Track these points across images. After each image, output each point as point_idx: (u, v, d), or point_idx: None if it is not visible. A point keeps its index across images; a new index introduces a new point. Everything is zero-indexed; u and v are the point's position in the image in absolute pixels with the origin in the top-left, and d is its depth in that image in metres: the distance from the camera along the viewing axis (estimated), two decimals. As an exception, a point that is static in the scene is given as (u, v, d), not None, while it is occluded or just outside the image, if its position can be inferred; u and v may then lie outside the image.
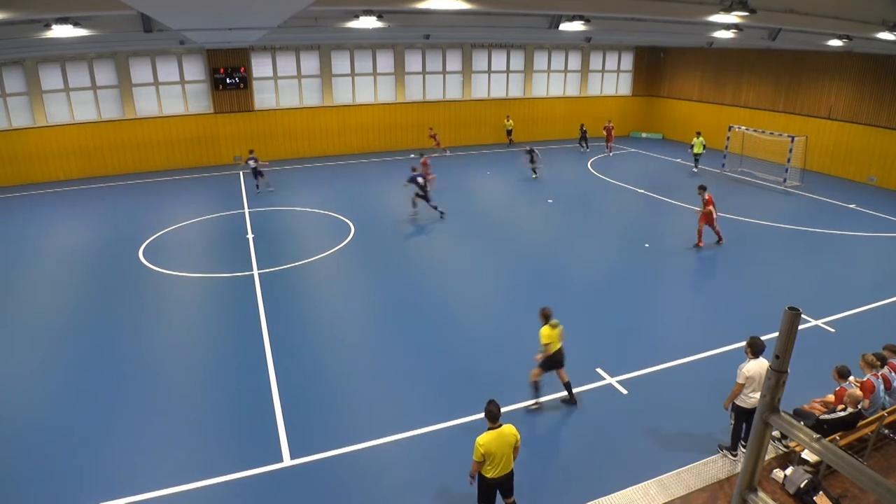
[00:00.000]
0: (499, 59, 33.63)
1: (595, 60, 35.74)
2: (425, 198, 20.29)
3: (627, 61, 36.68)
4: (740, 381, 8.09)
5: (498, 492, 7.24)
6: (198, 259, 17.50)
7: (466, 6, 15.76)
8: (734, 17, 15.23)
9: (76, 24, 15.63)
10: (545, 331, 9.44)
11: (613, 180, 25.71)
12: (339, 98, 31.51)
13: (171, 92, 29.07)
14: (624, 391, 10.38)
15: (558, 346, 9.64)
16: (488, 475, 7.00)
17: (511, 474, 7.19)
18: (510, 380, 10.66)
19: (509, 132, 33.46)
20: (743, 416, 8.33)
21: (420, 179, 20.21)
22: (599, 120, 34.11)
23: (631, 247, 17.58)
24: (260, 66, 29.87)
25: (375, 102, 32.14)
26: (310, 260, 16.98)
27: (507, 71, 34.02)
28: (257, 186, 24.58)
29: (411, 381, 10.95)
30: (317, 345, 12.42)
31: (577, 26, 19.50)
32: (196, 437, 9.55)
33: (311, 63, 30.50)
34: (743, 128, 28.15)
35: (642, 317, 13.31)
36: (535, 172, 26.07)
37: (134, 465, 8.89)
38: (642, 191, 23.72)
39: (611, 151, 31.29)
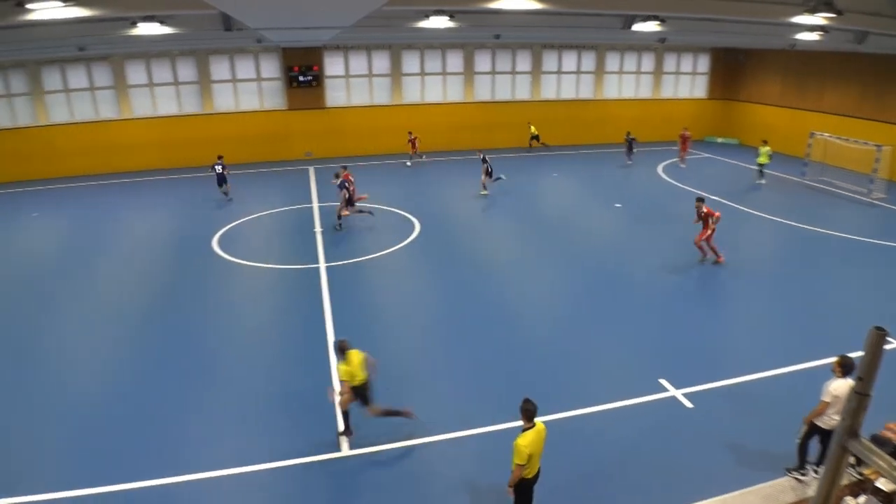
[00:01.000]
0: (569, 60, 33.20)
1: (669, 62, 34.81)
2: (350, 203, 19.75)
3: (703, 63, 35.53)
4: (826, 399, 7.66)
5: None
6: (267, 250, 18.05)
7: (538, 6, 15.65)
8: (819, 19, 14.57)
9: (162, 22, 16.35)
10: (340, 368, 8.77)
11: (685, 186, 24.97)
12: (408, 97, 31.85)
13: (248, 89, 30.10)
14: (689, 404, 10.03)
15: (362, 377, 8.92)
16: (528, 476, 6.92)
17: (540, 472, 7.11)
18: (569, 384, 10.52)
19: (535, 137, 32.45)
20: (818, 435, 7.93)
21: (347, 186, 19.64)
22: (672, 123, 33.22)
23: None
24: (332, 65, 30.51)
25: (444, 102, 32.31)
26: (375, 255, 17.22)
27: (578, 72, 33.55)
28: (226, 193, 23.67)
29: (470, 380, 10.95)
30: (378, 339, 12.54)
31: (651, 27, 19.06)
32: (258, 422, 9.87)
33: (381, 62, 30.93)
34: (826, 135, 26.78)
35: (712, 328, 12.88)
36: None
37: (199, 443, 9.29)
38: (716, 197, 22.92)
39: (683, 162, 29.13)
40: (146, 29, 16.52)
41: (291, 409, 10.23)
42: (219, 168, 23.20)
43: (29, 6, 12.16)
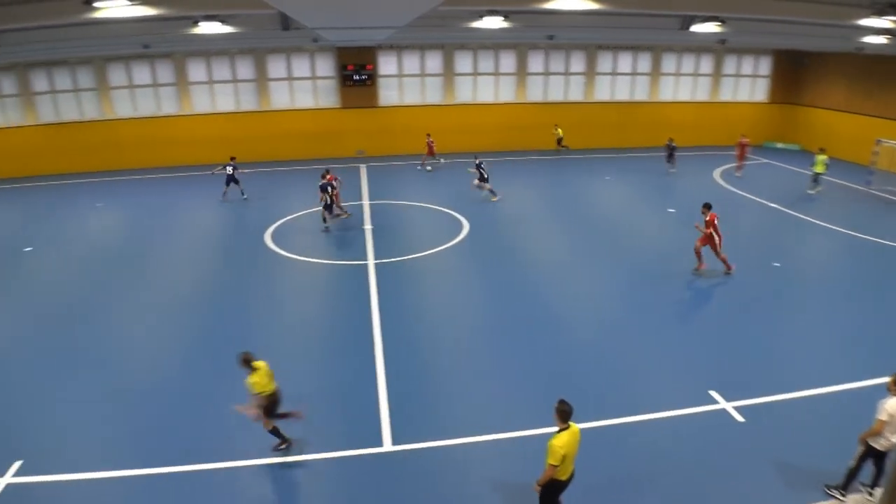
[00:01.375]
0: (624, 61, 32.66)
1: (729, 64, 33.86)
2: (329, 208, 19.71)
3: (765, 65, 34.44)
4: (883, 417, 7.34)
5: None
6: (317, 245, 18.37)
7: (594, 6, 15.46)
8: (887, 22, 13.95)
9: (223, 21, 16.79)
10: (250, 380, 8.60)
11: (742, 192, 24.27)
12: (460, 97, 31.90)
13: (303, 87, 30.68)
14: (740, 418, 9.72)
15: (272, 387, 8.81)
16: (561, 478, 6.85)
17: (573, 475, 7.01)
18: (613, 391, 10.37)
19: (559, 140, 31.86)
20: (872, 457, 7.60)
21: (329, 189, 19.60)
22: (730, 127, 32.33)
23: (758, 264, 16.47)
24: (386, 64, 30.81)
25: (496, 102, 32.23)
26: (423, 254, 17.33)
27: (633, 73, 32.98)
28: (243, 193, 23.70)
29: (514, 381, 10.90)
30: (425, 336, 12.67)
31: (710, 28, 18.61)
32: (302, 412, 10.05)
33: (434, 62, 31.07)
34: (893, 142, 25.63)
35: (768, 340, 12.41)
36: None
37: (242, 431, 9.48)
38: (774, 205, 22.24)
39: (740, 171, 27.54)
40: (207, 28, 17.01)
41: (335, 402, 10.40)
42: (229, 169, 23.31)
43: (96, 4, 12.63)
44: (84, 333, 13.13)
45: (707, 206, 15.76)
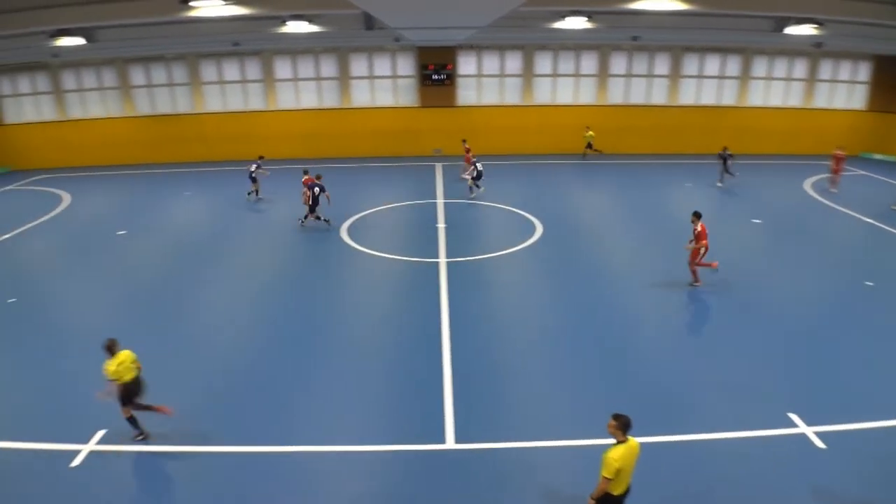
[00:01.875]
0: (712, 64, 31.46)
1: (824, 69, 32.05)
2: (312, 209, 19.52)
3: (864, 71, 32.38)
4: None
5: None
6: (391, 241, 18.66)
7: (683, 6, 15.01)
8: None
9: (309, 20, 17.27)
10: (108, 367, 8.67)
11: (835, 205, 22.95)
12: (539, 98, 31.61)
13: (383, 85, 31.18)
14: (821, 445, 9.14)
15: (131, 376, 8.85)
16: (615, 492, 6.63)
17: (629, 490, 6.77)
18: (683, 405, 10.02)
19: (589, 145, 30.66)
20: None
21: (316, 190, 19.36)
22: (825, 135, 30.65)
23: (849, 283, 15.52)
24: (465, 64, 30.91)
25: (575, 104, 31.74)
26: (495, 254, 17.30)
27: (721, 76, 31.73)
28: (257, 192, 23.84)
29: (580, 388, 10.73)
30: (493, 337, 12.64)
31: (806, 30, 17.73)
32: (367, 405, 10.33)
33: (514, 62, 30.90)
34: None
35: (859, 363, 11.54)
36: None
37: (309, 418, 9.88)
38: (868, 220, 20.92)
39: (835, 186, 25.18)
40: (295, 27, 17.53)
41: (400, 396, 10.54)
42: (253, 167, 23.39)
43: (192, 3, 13.22)
44: (164, 313, 13.98)
45: (697, 216, 14.82)
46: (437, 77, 30.65)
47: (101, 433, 9.55)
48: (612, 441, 6.56)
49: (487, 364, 11.53)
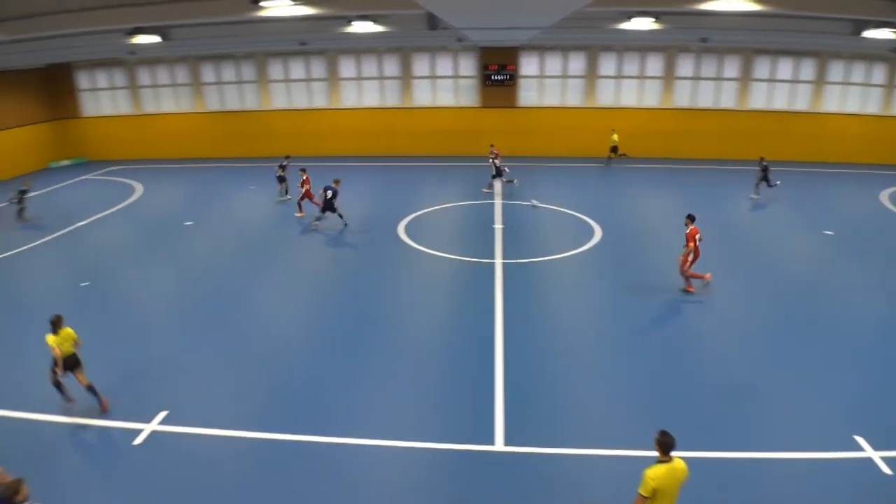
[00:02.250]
0: (784, 68, 30.24)
1: (908, 74, 30.37)
2: (330, 209, 19.47)
3: (954, 77, 30.55)
4: None
5: None
6: (447, 240, 18.73)
7: (756, 7, 14.50)
8: None
9: (374, 20, 17.48)
10: (49, 338, 9.60)
11: (913, 217, 21.75)
12: (601, 100, 31.11)
13: (444, 85, 31.34)
14: (888, 471, 8.62)
15: (67, 351, 9.73)
16: None
17: None
18: (741, 421, 9.67)
19: (614, 148, 29.60)
20: None
21: (329, 193, 19.28)
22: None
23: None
24: (527, 65, 30.72)
25: (639, 106, 31.09)
26: (552, 257, 17.13)
27: (794, 81, 30.47)
28: (286, 192, 23.95)
29: (635, 397, 10.47)
30: (546, 341, 12.50)
31: (885, 34, 16.88)
32: (417, 401, 10.41)
33: (577, 63, 30.51)
34: None
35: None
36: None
37: (362, 412, 10.04)
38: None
39: None
40: (360, 27, 17.79)
41: (452, 396, 10.55)
42: (280, 170, 23.45)
43: (263, 3, 13.57)
44: (225, 304, 14.46)
45: (691, 218, 14.61)
46: (498, 77, 30.58)
47: (162, 414, 10.00)
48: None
49: (540, 367, 11.43)
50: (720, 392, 10.64)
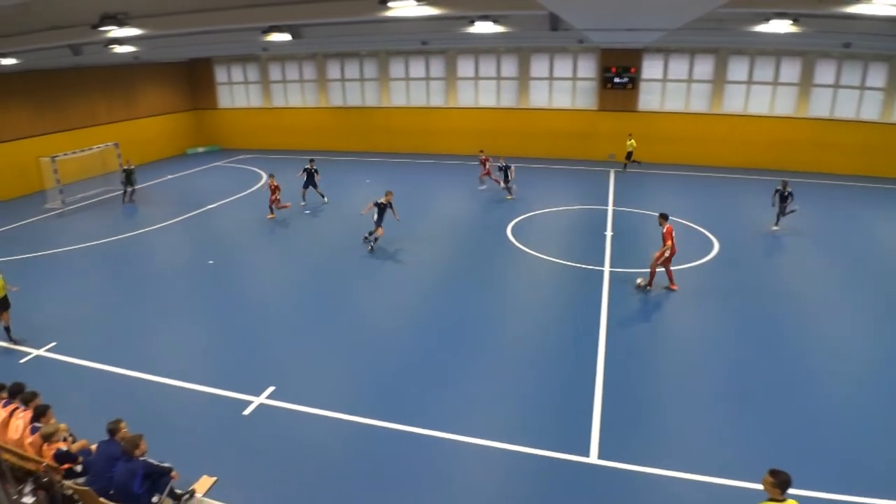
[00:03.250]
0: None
1: None
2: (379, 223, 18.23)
3: None
4: None
5: None
6: (556, 244, 18.53)
7: (910, 12, 13.26)
8: None
9: (495, 21, 17.56)
10: None
11: None
12: (729, 106, 29.52)
13: (562, 87, 30.96)
14: None
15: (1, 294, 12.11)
16: None
17: None
18: (865, 461, 8.86)
19: (629, 154, 27.69)
20: None
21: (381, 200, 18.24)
22: None
23: None
24: (650, 68, 29.74)
25: (771, 115, 29.19)
26: (662, 269, 16.43)
27: (952, 91, 27.52)
28: (322, 196, 23.59)
29: (742, 423, 9.85)
30: (651, 355, 12.09)
31: None
32: (515, 404, 10.43)
33: (704, 67, 29.15)
34: None
35: None
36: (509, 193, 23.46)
37: (460, 410, 10.20)
38: None
39: None
40: (481, 27, 17.92)
41: (550, 400, 10.48)
42: (308, 167, 23.14)
43: (390, 4, 13.98)
44: (340, 291, 15.18)
45: (664, 217, 14.38)
46: (619, 80, 29.81)
47: (270, 389, 10.68)
48: (765, 496, 6.00)
49: (642, 382, 11.07)
50: (840, 428, 9.78)
